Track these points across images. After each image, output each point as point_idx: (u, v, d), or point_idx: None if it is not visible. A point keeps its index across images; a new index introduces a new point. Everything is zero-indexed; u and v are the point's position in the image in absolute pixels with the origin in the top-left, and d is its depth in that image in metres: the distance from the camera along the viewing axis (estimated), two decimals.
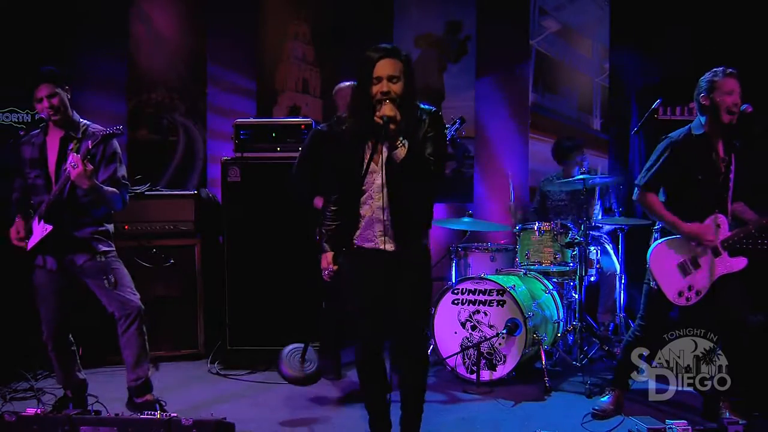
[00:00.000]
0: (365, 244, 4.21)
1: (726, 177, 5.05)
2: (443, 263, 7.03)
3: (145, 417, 4.39)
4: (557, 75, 8.37)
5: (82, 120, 5.12)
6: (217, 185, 7.04)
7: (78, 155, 4.72)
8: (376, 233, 4.17)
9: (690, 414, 5.18)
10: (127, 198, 5.18)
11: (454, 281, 6.58)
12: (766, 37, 7.31)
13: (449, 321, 6.21)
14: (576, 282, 6.37)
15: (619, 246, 6.84)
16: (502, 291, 6.07)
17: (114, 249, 5.18)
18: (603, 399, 5.31)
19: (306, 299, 6.56)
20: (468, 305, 6.17)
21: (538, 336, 6.07)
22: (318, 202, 5.90)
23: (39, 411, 4.49)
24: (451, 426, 5.16)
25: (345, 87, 6.04)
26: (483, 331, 6.09)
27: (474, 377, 6.01)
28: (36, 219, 4.98)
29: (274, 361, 6.40)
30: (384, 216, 4.14)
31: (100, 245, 5.07)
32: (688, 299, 5.01)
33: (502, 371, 6.02)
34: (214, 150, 8.25)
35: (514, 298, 5.99)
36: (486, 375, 6.04)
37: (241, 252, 6.70)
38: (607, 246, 7.12)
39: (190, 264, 7.01)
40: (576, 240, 6.33)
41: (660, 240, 5.13)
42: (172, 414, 4.38)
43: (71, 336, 5.23)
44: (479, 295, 6.15)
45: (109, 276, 5.04)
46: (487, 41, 8.36)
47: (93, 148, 4.83)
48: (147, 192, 7.03)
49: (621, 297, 6.78)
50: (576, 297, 6.39)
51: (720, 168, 5.02)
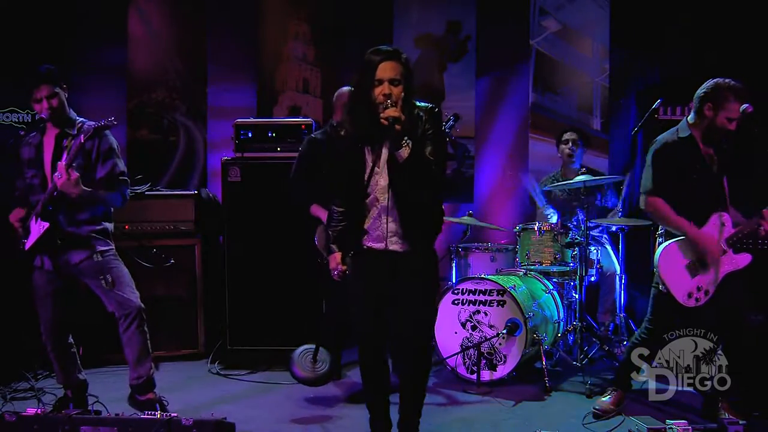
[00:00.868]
0: (373, 244, 4.23)
1: (720, 176, 5.07)
2: (443, 263, 7.01)
3: (146, 417, 4.39)
4: (557, 75, 8.36)
5: (78, 118, 5.12)
6: (218, 185, 7.04)
7: (62, 163, 4.72)
8: (383, 234, 4.18)
9: (690, 414, 5.18)
10: (128, 194, 5.18)
11: (454, 281, 6.58)
12: (765, 37, 7.32)
13: (449, 321, 6.21)
14: (576, 282, 6.36)
15: (620, 246, 6.83)
16: (502, 291, 6.07)
17: (113, 247, 5.17)
18: (604, 398, 5.31)
19: (306, 299, 6.57)
20: (468, 305, 6.17)
21: (538, 336, 6.07)
22: (315, 210, 5.86)
23: (39, 411, 4.50)
24: (452, 426, 5.16)
25: (346, 92, 5.99)
26: (483, 331, 6.09)
27: (474, 377, 6.02)
28: (33, 218, 4.98)
29: (274, 361, 6.47)
30: (390, 217, 4.15)
31: (97, 244, 5.06)
32: (697, 300, 5.00)
33: (502, 371, 6.02)
34: (214, 150, 8.25)
35: (514, 298, 5.99)
36: (486, 375, 6.04)
37: (242, 252, 6.69)
38: (607, 246, 7.12)
39: (190, 264, 7.01)
40: (576, 240, 6.33)
41: (666, 242, 5.11)
42: (172, 414, 4.38)
43: (71, 336, 5.23)
44: (479, 295, 6.15)
45: (107, 276, 5.03)
46: (487, 41, 8.36)
47: (86, 141, 4.81)
48: (147, 192, 7.04)
49: (621, 297, 6.77)
50: (576, 297, 6.39)
51: (712, 167, 5.04)
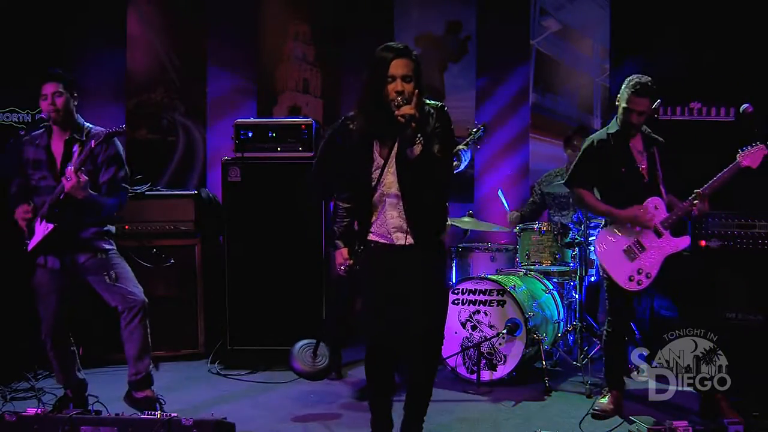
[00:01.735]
0: (380, 240, 4.24)
1: (652, 168, 5.20)
2: None
3: (146, 417, 4.40)
4: (557, 75, 8.36)
5: (86, 123, 5.13)
6: (218, 185, 7.04)
7: (71, 167, 4.73)
8: (390, 229, 4.20)
9: (690, 414, 5.18)
10: (126, 201, 5.19)
11: (454, 281, 6.58)
12: (763, 37, 7.32)
13: (450, 321, 6.16)
14: (576, 282, 6.37)
15: None
16: (502, 291, 6.08)
17: (114, 247, 5.19)
18: (602, 400, 5.31)
19: (306, 299, 6.57)
20: (468, 305, 6.17)
21: (538, 336, 6.07)
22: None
23: (39, 411, 4.50)
24: (452, 426, 5.15)
25: None
26: (483, 331, 6.09)
27: (474, 377, 6.02)
28: (38, 219, 4.97)
29: (274, 361, 6.47)
30: (398, 212, 4.18)
31: (101, 244, 5.08)
32: (639, 282, 5.13)
33: (502, 371, 6.02)
34: (214, 150, 8.25)
35: (514, 298, 6.00)
36: (486, 375, 6.04)
37: (242, 252, 6.69)
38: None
39: (190, 264, 7.01)
40: (576, 240, 6.33)
41: (600, 229, 5.33)
42: (172, 414, 4.38)
43: (71, 336, 5.23)
44: (479, 295, 6.15)
45: (110, 272, 5.04)
46: (488, 41, 8.36)
47: (96, 147, 4.82)
48: (147, 192, 7.04)
49: None
50: (576, 297, 6.39)
51: (638, 160, 5.20)
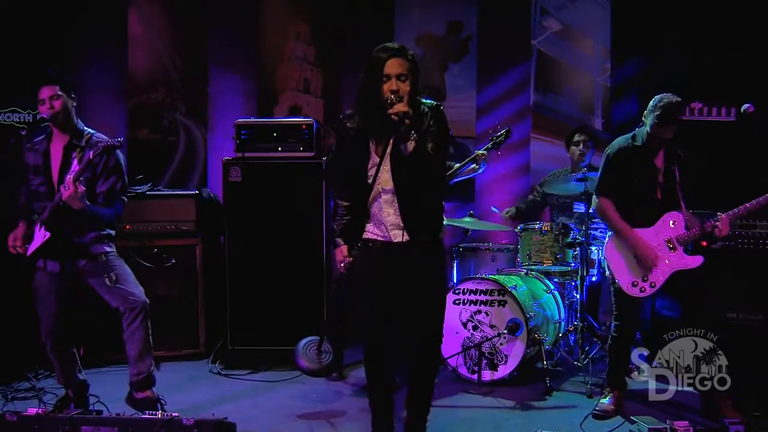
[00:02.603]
0: (378, 237, 4.26)
1: (671, 182, 5.19)
2: None
3: (147, 417, 4.40)
4: (559, 75, 8.36)
5: (86, 129, 5.12)
6: (218, 185, 7.04)
7: (70, 177, 4.72)
8: (387, 226, 4.22)
9: (692, 414, 5.18)
10: (122, 212, 5.19)
11: (455, 281, 6.58)
12: (764, 37, 7.32)
13: (451, 321, 6.18)
14: (577, 282, 6.36)
15: None
16: (503, 291, 6.07)
17: (114, 250, 5.19)
18: (603, 400, 5.32)
19: (307, 299, 6.57)
20: (469, 305, 6.17)
21: (539, 336, 6.07)
22: None
23: (40, 411, 4.51)
24: (453, 426, 5.15)
25: None
26: (484, 331, 6.08)
27: (475, 377, 6.01)
28: (38, 225, 4.97)
29: (275, 361, 6.47)
30: (393, 209, 4.19)
31: (100, 247, 5.08)
32: (642, 290, 5.16)
33: (503, 371, 6.02)
34: (214, 150, 8.25)
35: (515, 298, 5.99)
36: (487, 375, 6.04)
37: (243, 252, 6.69)
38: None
39: (191, 264, 7.01)
40: (578, 240, 6.32)
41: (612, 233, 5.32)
42: (173, 414, 4.38)
43: (71, 337, 5.22)
44: (480, 295, 6.15)
45: (111, 274, 5.04)
46: (489, 41, 8.36)
47: (95, 158, 4.82)
48: (148, 192, 7.03)
49: None
50: (577, 297, 6.38)
51: (657, 176, 5.19)
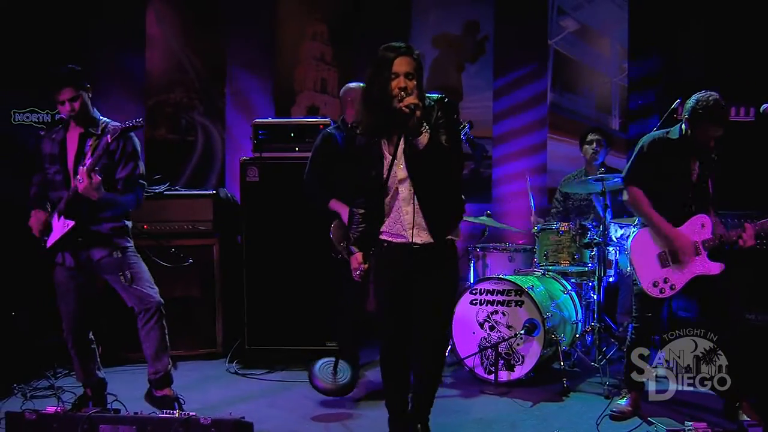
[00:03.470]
0: (394, 239, 4.27)
1: (704, 183, 5.12)
2: (462, 263, 7.00)
3: (164, 416, 4.42)
4: (576, 75, 8.34)
5: (101, 117, 5.14)
6: (236, 185, 7.06)
7: (84, 168, 4.73)
8: (404, 226, 4.22)
9: (710, 415, 5.16)
10: (142, 197, 5.20)
11: (472, 281, 6.57)
12: None
13: (467, 321, 6.20)
14: (595, 282, 6.34)
15: None
16: (520, 291, 6.06)
17: (132, 245, 5.20)
18: (620, 401, 5.29)
19: (324, 299, 6.57)
20: (486, 305, 6.16)
21: (556, 336, 6.06)
22: (334, 204, 5.80)
23: (59, 409, 4.53)
24: (469, 426, 5.15)
25: (355, 88, 5.90)
26: (501, 332, 6.08)
27: (492, 378, 6.01)
28: (55, 216, 4.99)
29: (292, 361, 6.49)
30: (411, 208, 4.20)
31: (117, 241, 5.09)
32: (662, 291, 5.09)
33: (520, 372, 6.01)
34: (232, 150, 8.28)
35: (532, 298, 5.98)
36: (504, 375, 6.03)
37: (260, 252, 6.70)
38: (626, 246, 7.07)
39: (208, 263, 7.02)
40: (595, 240, 6.30)
41: (641, 228, 5.22)
42: (190, 413, 4.39)
43: (92, 334, 5.25)
44: (497, 296, 6.14)
45: (126, 272, 5.06)
46: (505, 41, 8.35)
47: (112, 143, 4.83)
48: (166, 191, 7.05)
49: None
50: (595, 297, 6.36)
51: (694, 172, 5.10)
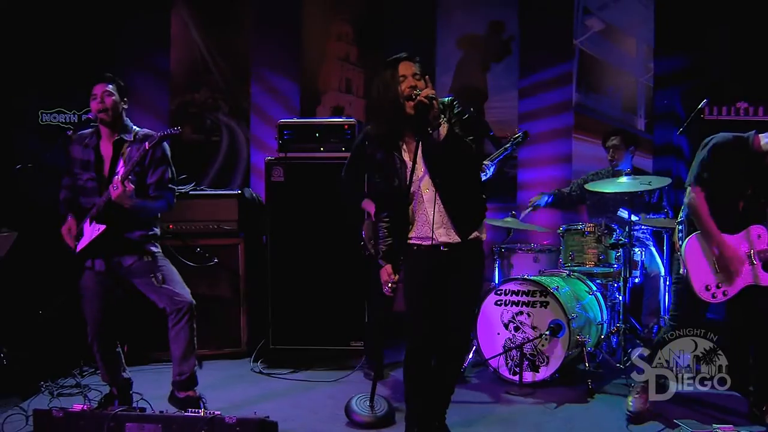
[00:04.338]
0: (423, 242, 4.28)
1: (758, 198, 5.05)
2: (486, 264, 6.96)
3: (190, 415, 4.45)
4: (601, 75, 8.30)
5: (134, 126, 5.16)
6: (261, 185, 7.08)
7: (118, 177, 4.76)
8: (431, 227, 4.23)
9: (736, 418, 5.12)
10: (174, 201, 5.22)
11: (497, 282, 6.56)
12: None
13: (492, 322, 6.18)
14: (620, 283, 6.31)
15: (664, 247, 6.76)
16: (545, 292, 6.04)
17: (160, 250, 5.23)
18: (631, 401, 5.26)
19: (349, 299, 6.58)
20: (511, 306, 6.14)
21: (581, 338, 6.03)
22: (366, 204, 5.82)
23: (85, 407, 4.57)
24: (493, 426, 5.14)
25: None
26: (526, 333, 6.06)
27: (516, 378, 5.99)
28: (87, 221, 5.02)
29: (316, 361, 6.53)
30: (435, 208, 4.21)
31: (147, 247, 5.12)
32: (714, 296, 5.01)
33: (544, 373, 5.99)
34: (257, 150, 8.31)
35: (557, 299, 5.96)
36: (529, 376, 6.01)
37: (285, 252, 6.72)
38: (651, 247, 7.04)
39: (233, 263, 7.04)
40: (620, 241, 6.27)
41: (696, 232, 5.11)
42: (215, 412, 4.42)
43: (116, 337, 5.28)
44: (522, 296, 6.12)
45: (157, 274, 5.09)
46: (530, 41, 8.31)
47: (149, 149, 4.83)
48: (191, 192, 7.08)
49: (665, 299, 6.68)
50: (620, 298, 6.34)
51: (753, 184, 5.03)
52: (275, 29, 8.42)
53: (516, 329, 6.10)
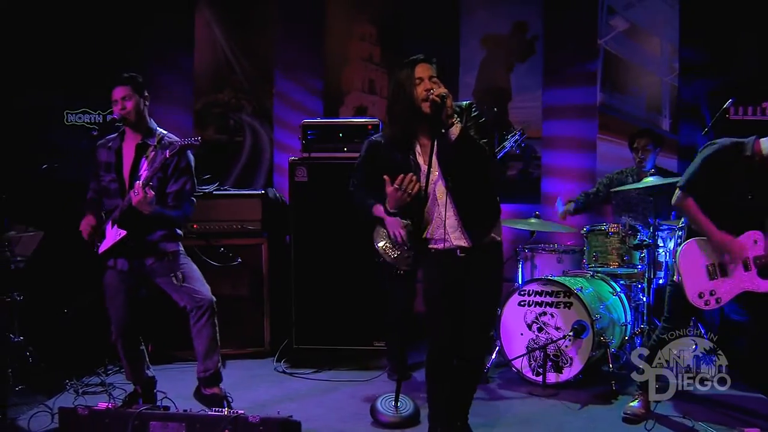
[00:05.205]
0: (439, 245, 4.27)
1: (761, 199, 4.99)
2: (510, 264, 6.97)
3: (213, 414, 4.47)
4: (625, 74, 8.24)
5: (158, 129, 5.19)
6: (284, 185, 7.09)
7: (139, 183, 4.77)
8: (447, 230, 4.21)
9: (762, 421, 5.08)
10: (190, 214, 5.26)
11: (520, 283, 6.54)
12: None
13: (516, 322, 6.17)
14: (644, 284, 6.28)
15: None
16: (569, 293, 6.02)
17: (182, 248, 5.25)
18: (633, 404, 5.24)
19: (372, 299, 6.59)
20: (534, 307, 6.13)
21: (605, 339, 6.01)
22: (377, 210, 5.79)
23: (110, 405, 4.61)
24: (516, 426, 5.14)
25: None
26: (549, 333, 6.04)
27: (540, 379, 5.98)
28: (109, 223, 5.05)
29: (340, 361, 6.54)
30: (450, 211, 4.20)
31: (168, 246, 5.14)
32: (707, 303, 4.97)
33: (568, 374, 5.97)
34: (280, 150, 8.33)
35: (581, 299, 5.94)
36: (552, 377, 5.99)
37: (308, 251, 6.74)
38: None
39: (257, 263, 7.06)
40: (645, 242, 6.24)
41: (690, 239, 5.08)
42: (239, 411, 4.43)
43: (140, 335, 5.32)
44: (546, 297, 6.11)
45: (177, 273, 5.11)
46: (555, 41, 8.27)
47: (171, 157, 4.86)
48: (215, 191, 7.11)
49: None
50: (644, 299, 6.30)
51: (751, 192, 4.97)
52: (298, 30, 8.43)
53: (539, 330, 6.08)
